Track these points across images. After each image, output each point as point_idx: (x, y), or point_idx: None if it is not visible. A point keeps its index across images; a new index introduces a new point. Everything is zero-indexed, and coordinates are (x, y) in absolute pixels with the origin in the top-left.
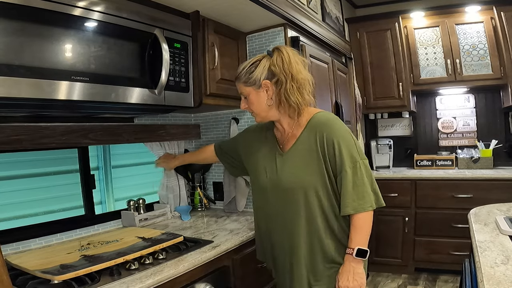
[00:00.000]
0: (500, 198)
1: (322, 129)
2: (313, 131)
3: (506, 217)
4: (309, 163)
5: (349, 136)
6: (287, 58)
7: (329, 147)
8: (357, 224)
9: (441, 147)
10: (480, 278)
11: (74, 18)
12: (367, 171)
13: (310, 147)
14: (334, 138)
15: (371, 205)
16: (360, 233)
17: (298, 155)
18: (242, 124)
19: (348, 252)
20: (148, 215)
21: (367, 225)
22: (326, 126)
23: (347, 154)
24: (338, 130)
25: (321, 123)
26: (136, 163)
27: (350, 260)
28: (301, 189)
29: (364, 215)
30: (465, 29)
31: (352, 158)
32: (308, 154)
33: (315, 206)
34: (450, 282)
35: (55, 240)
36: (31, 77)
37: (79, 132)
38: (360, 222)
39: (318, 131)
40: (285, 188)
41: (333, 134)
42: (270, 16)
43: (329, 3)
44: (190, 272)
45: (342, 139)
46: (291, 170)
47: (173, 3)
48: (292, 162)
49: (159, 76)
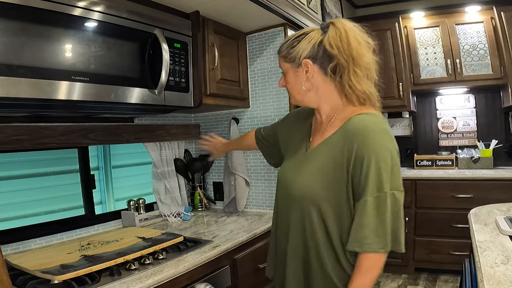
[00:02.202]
0: (500, 198)
1: (355, 138)
2: (345, 137)
3: (506, 217)
4: (327, 174)
5: (386, 156)
6: (345, 36)
7: (357, 163)
8: (363, 265)
9: (441, 147)
10: (480, 278)
11: (74, 18)
12: (394, 207)
13: (335, 157)
14: (366, 154)
15: (383, 247)
16: (365, 276)
17: (319, 160)
18: (242, 124)
19: None
20: (148, 215)
21: (375, 269)
22: (361, 135)
23: (374, 178)
24: (374, 145)
25: (356, 130)
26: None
27: None
28: (307, 202)
29: (374, 257)
30: (465, 29)
31: (379, 186)
32: (329, 163)
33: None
34: (450, 282)
35: (55, 240)
36: (31, 77)
37: (79, 132)
38: (367, 263)
39: (350, 139)
40: (291, 194)
41: (366, 148)
42: (270, 16)
43: (329, 3)
44: (190, 272)
45: (375, 157)
46: (306, 175)
47: (173, 3)
48: (311, 166)
49: (159, 76)
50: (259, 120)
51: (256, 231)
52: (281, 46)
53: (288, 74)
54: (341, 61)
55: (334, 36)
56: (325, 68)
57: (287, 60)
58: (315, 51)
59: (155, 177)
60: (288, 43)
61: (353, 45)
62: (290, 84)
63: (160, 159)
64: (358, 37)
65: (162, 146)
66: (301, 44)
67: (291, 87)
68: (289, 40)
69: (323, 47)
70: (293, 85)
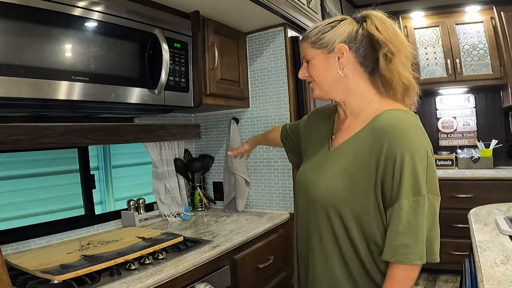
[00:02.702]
0: (500, 198)
1: (385, 136)
2: (373, 135)
3: (506, 217)
4: (352, 176)
5: (423, 155)
6: (389, 24)
7: (389, 163)
8: (396, 277)
9: (441, 147)
10: (480, 278)
11: (74, 18)
12: (431, 212)
13: (363, 155)
14: (398, 153)
15: (420, 258)
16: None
17: (343, 160)
18: (242, 124)
19: None
20: (148, 215)
21: (410, 280)
22: (392, 132)
23: (410, 180)
24: (408, 143)
25: (387, 127)
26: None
27: None
28: (329, 206)
29: (408, 268)
30: (465, 29)
31: (416, 188)
32: (355, 163)
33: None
34: (450, 282)
35: (55, 240)
36: (31, 77)
37: (79, 132)
38: (400, 274)
39: (380, 137)
40: (312, 196)
41: (399, 147)
42: (270, 16)
43: (329, 3)
44: (190, 272)
45: (410, 156)
46: (327, 176)
47: (173, 3)
48: (333, 166)
49: (159, 76)
50: (259, 120)
51: (256, 231)
52: (309, 32)
53: (316, 61)
54: (390, 48)
55: (378, 23)
56: (362, 57)
57: (316, 45)
58: (352, 37)
59: (155, 177)
60: (318, 29)
61: (398, 33)
62: (317, 71)
63: (160, 159)
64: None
65: (162, 146)
66: (336, 29)
67: (318, 75)
68: (320, 26)
69: (365, 34)
70: (322, 73)
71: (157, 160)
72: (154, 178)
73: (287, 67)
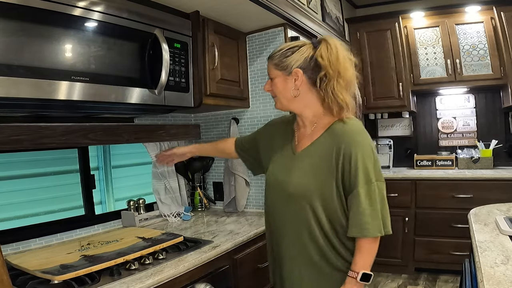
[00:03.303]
0: (500, 198)
1: (342, 139)
2: (332, 138)
3: (506, 217)
4: (318, 172)
5: (370, 153)
6: (335, 51)
7: (346, 160)
8: (363, 248)
9: (441, 147)
10: (480, 278)
11: (74, 18)
12: (381, 195)
13: (325, 155)
14: (353, 151)
15: (379, 231)
16: (366, 256)
17: (309, 161)
18: (242, 124)
19: (352, 275)
20: (148, 215)
21: (374, 250)
22: (347, 136)
23: (363, 173)
24: (360, 143)
25: (343, 132)
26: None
27: (353, 283)
28: (302, 198)
29: (371, 240)
30: (465, 29)
31: (368, 178)
32: (320, 162)
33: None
34: (450, 282)
35: (55, 240)
36: (31, 77)
37: (79, 132)
38: (367, 245)
39: (338, 139)
40: (287, 192)
41: (353, 147)
42: (270, 16)
43: (329, 3)
44: (190, 272)
45: (361, 154)
46: (300, 175)
47: (173, 3)
48: (303, 166)
49: (159, 76)
50: (259, 120)
51: (256, 231)
52: (274, 54)
53: (277, 80)
54: (329, 72)
55: (325, 50)
56: (313, 79)
57: (278, 68)
58: (306, 63)
59: (155, 177)
60: (281, 52)
61: (341, 59)
62: (278, 89)
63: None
64: (345, 54)
65: (162, 146)
66: (294, 55)
67: (279, 92)
68: (283, 50)
69: (314, 60)
70: (282, 90)
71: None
72: (154, 178)
73: None
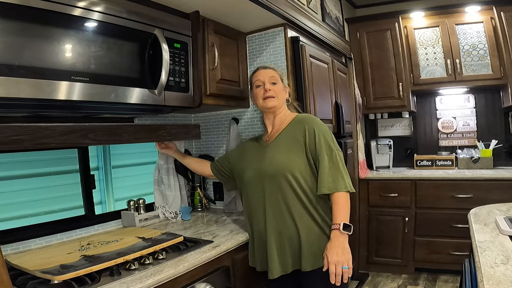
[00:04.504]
0: (500, 198)
1: (305, 122)
2: (297, 124)
3: (506, 217)
4: (291, 149)
5: (328, 130)
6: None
7: (311, 136)
8: (339, 202)
9: (441, 147)
10: (480, 278)
11: (74, 18)
12: (342, 161)
13: (294, 137)
14: (316, 129)
15: (345, 187)
16: (342, 209)
17: (281, 144)
18: (242, 124)
19: (335, 227)
20: (148, 215)
21: (346, 203)
22: (309, 120)
23: (325, 143)
24: (320, 124)
25: (304, 119)
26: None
27: (338, 235)
28: (281, 173)
29: (343, 195)
30: (465, 29)
31: (329, 147)
32: (291, 142)
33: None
34: (450, 282)
35: (55, 240)
36: (31, 77)
37: (79, 132)
38: (340, 200)
39: (301, 123)
40: (266, 173)
41: (315, 126)
42: (270, 16)
43: (329, 3)
44: (190, 272)
45: (322, 131)
46: (272, 155)
47: (173, 3)
48: (275, 149)
49: (159, 76)
50: (258, 120)
51: None
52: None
53: (279, 86)
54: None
55: None
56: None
57: (280, 79)
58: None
59: (157, 176)
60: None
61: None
62: (278, 93)
63: (166, 156)
64: None
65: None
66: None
67: (278, 93)
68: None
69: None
70: (281, 95)
71: (163, 158)
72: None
73: (287, 67)
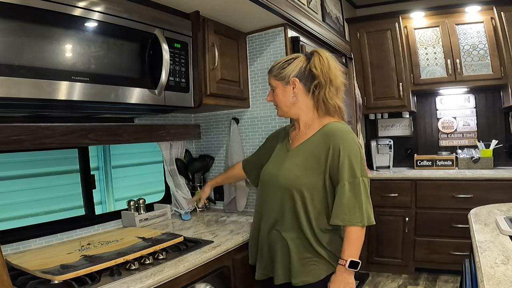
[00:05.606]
0: (500, 198)
1: (331, 138)
2: (323, 137)
3: (506, 217)
4: (310, 166)
5: (356, 150)
6: (326, 62)
7: (335, 156)
8: (350, 237)
9: (441, 147)
10: (480, 278)
11: (74, 18)
12: (365, 189)
13: (316, 152)
14: (341, 149)
15: (361, 222)
16: (353, 246)
17: (302, 155)
18: (242, 124)
19: (341, 263)
20: (148, 215)
21: (360, 239)
22: (336, 135)
23: (349, 168)
24: (347, 142)
25: (332, 132)
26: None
27: (343, 270)
28: (293, 189)
29: (356, 229)
30: (465, 29)
31: (353, 173)
32: (311, 157)
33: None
34: (450, 282)
35: (55, 240)
36: (31, 77)
37: (79, 132)
38: (352, 235)
39: (328, 138)
40: (279, 184)
41: (341, 145)
42: (270, 16)
43: (329, 3)
44: (190, 272)
45: (348, 152)
46: (290, 167)
47: (173, 3)
48: (295, 160)
49: (159, 76)
50: (259, 120)
51: None
52: (272, 67)
53: (278, 90)
54: (321, 80)
55: (318, 61)
56: (308, 86)
57: (278, 78)
58: (301, 73)
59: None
60: (279, 65)
61: (332, 69)
62: (279, 98)
63: (170, 157)
64: (335, 64)
65: (172, 145)
66: (290, 66)
67: (279, 100)
68: (280, 63)
69: (308, 70)
70: (282, 99)
71: (168, 159)
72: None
73: None
